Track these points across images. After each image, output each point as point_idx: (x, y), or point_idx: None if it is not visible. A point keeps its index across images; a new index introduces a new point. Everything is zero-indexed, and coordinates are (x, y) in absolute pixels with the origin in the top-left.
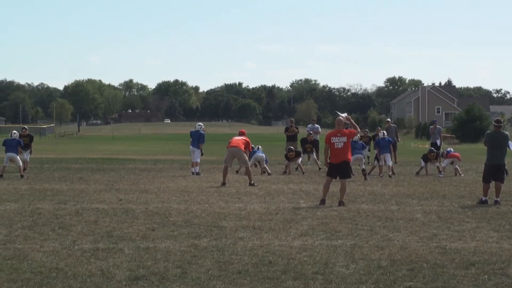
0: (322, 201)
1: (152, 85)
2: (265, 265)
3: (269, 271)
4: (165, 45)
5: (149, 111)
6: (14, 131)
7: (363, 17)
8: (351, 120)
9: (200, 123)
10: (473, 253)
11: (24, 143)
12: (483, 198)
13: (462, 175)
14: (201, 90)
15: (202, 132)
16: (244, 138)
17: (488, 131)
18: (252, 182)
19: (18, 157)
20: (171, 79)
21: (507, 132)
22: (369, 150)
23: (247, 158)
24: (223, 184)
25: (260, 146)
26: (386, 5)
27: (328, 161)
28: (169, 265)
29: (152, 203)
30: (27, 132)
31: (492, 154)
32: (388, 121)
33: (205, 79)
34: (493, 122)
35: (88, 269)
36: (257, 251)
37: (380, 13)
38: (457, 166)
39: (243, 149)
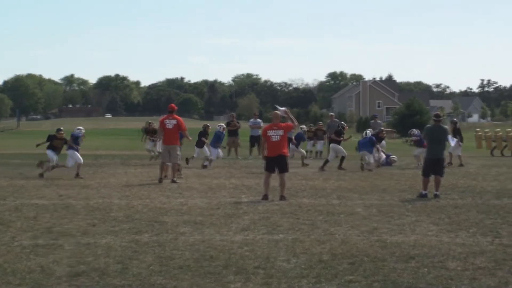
0: (265, 197)
1: (93, 79)
2: (206, 260)
3: (210, 266)
4: (106, 39)
5: (90, 106)
6: None
7: (304, 11)
8: (289, 114)
9: (221, 123)
10: (413, 246)
11: None
12: (423, 192)
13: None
14: (142, 85)
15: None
16: (176, 121)
17: (428, 125)
18: (175, 179)
19: None
20: (112, 73)
21: (446, 126)
22: (312, 144)
23: (179, 154)
24: (160, 180)
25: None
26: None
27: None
28: (109, 261)
29: (92, 198)
30: None
31: (432, 148)
32: (331, 115)
33: (147, 73)
34: (433, 117)
35: (27, 265)
36: (198, 246)
37: (322, 7)
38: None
39: (177, 143)
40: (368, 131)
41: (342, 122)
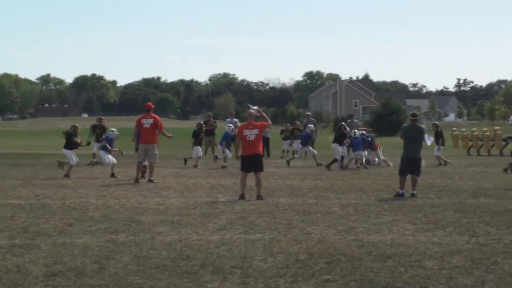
0: (242, 196)
1: (69, 79)
2: (183, 260)
3: (187, 265)
4: (82, 39)
5: (66, 105)
6: None
7: (281, 11)
8: (262, 112)
9: (230, 124)
10: (390, 245)
11: None
12: (400, 191)
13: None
14: (119, 85)
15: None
16: (153, 120)
17: (404, 125)
18: (152, 178)
19: None
20: (89, 73)
21: (423, 126)
22: (290, 144)
23: (157, 153)
24: (136, 180)
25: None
26: None
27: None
28: (86, 261)
29: (69, 198)
30: None
31: (408, 147)
32: (308, 114)
33: (123, 73)
34: (409, 116)
35: (4, 265)
36: (175, 246)
37: (298, 6)
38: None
39: (155, 141)
40: (356, 131)
41: (343, 123)
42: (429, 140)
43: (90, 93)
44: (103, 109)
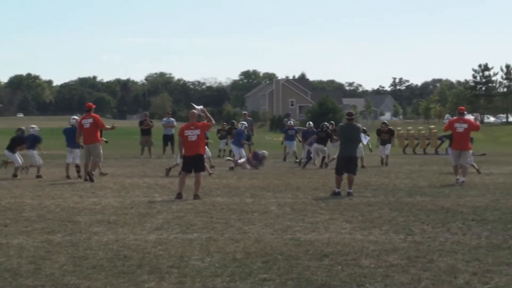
0: (179, 195)
1: (4, 79)
2: (120, 260)
3: (124, 265)
4: (17, 38)
5: (1, 105)
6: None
7: (217, 10)
8: (206, 112)
9: (243, 122)
10: (327, 244)
11: None
12: (336, 190)
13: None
14: (54, 84)
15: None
16: (92, 120)
17: (341, 124)
18: (93, 172)
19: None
20: (24, 72)
21: (359, 125)
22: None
23: (100, 150)
24: (86, 180)
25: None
26: None
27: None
28: (22, 261)
29: (4, 198)
30: None
31: (345, 146)
32: (245, 113)
33: (59, 72)
34: (346, 115)
35: None
36: (112, 246)
37: (234, 6)
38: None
39: (97, 141)
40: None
41: (326, 123)
42: (365, 139)
43: (26, 92)
44: (38, 108)
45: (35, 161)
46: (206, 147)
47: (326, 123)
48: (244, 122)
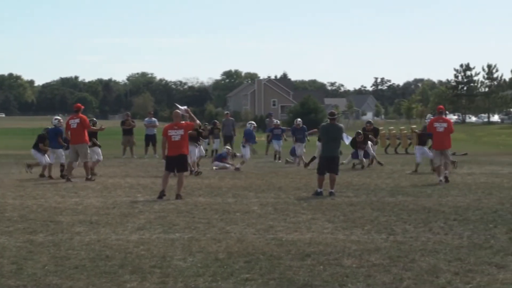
0: (162, 192)
1: None
2: (102, 260)
3: (106, 265)
4: None
5: None
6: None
7: (199, 9)
8: (190, 113)
9: (252, 122)
10: (309, 244)
11: None
12: (318, 190)
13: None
14: (36, 84)
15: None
16: (79, 120)
17: (323, 124)
18: (89, 176)
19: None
20: (5, 72)
21: (341, 125)
22: (208, 144)
23: (87, 151)
24: (68, 180)
25: None
26: None
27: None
28: (4, 261)
29: None
30: None
31: (327, 146)
32: (226, 113)
33: (41, 72)
34: (328, 115)
35: None
36: (94, 246)
37: (215, 5)
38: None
39: (84, 141)
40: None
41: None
42: (347, 139)
43: (7, 92)
44: (20, 108)
45: (62, 159)
46: (201, 147)
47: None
48: (253, 122)
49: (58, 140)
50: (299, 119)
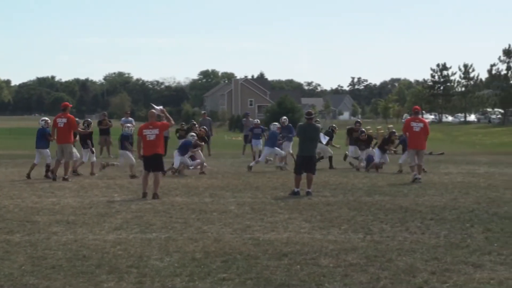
0: (144, 194)
1: None
2: (79, 260)
3: (83, 265)
4: None
5: None
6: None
7: (175, 9)
8: (166, 113)
9: (257, 120)
10: (286, 243)
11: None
12: (295, 190)
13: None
14: (13, 84)
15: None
16: (66, 120)
17: (300, 123)
18: (66, 177)
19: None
20: None
21: (318, 124)
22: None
23: (72, 150)
24: (54, 179)
25: None
26: None
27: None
28: None
29: None
30: None
31: (304, 146)
32: (203, 113)
33: (17, 72)
34: (305, 115)
35: None
36: (71, 246)
37: (193, 5)
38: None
39: (69, 141)
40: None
41: (334, 125)
42: (324, 138)
43: None
44: None
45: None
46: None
47: (334, 125)
48: (277, 124)
49: (46, 140)
50: (284, 117)
